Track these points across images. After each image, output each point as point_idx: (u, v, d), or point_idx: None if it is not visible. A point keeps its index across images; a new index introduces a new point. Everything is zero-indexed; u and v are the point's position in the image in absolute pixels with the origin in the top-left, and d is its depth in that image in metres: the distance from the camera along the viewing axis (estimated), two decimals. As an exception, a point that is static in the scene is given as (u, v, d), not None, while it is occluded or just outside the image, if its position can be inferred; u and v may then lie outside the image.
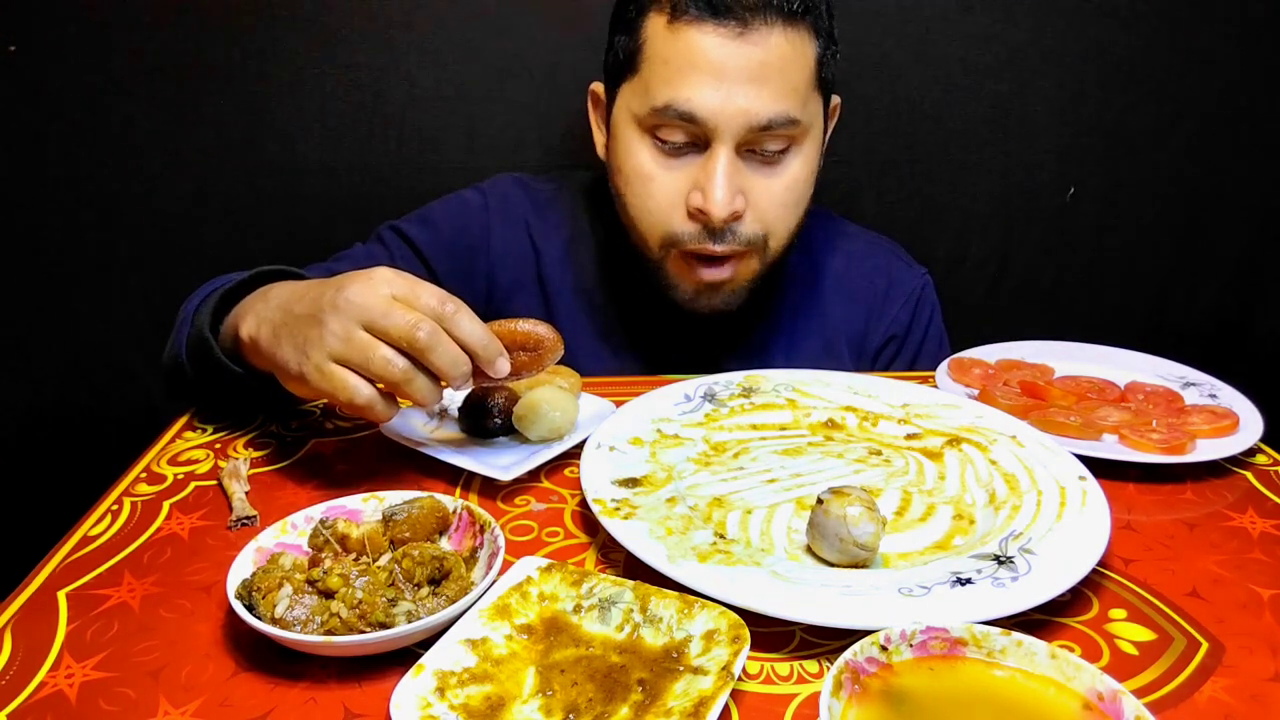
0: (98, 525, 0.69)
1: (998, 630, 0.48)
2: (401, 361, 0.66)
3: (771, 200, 0.93)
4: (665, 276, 0.98)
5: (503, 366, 0.70)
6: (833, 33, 0.95)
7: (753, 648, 0.53)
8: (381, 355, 0.66)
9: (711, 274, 0.95)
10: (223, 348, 0.79)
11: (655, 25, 0.90)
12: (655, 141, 0.92)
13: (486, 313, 0.88)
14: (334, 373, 0.67)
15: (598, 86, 1.01)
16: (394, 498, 0.66)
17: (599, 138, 1.03)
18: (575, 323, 1.06)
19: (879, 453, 0.81)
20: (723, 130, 0.88)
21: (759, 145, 0.91)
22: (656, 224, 0.94)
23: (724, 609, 0.54)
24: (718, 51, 0.86)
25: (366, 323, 0.66)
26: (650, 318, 1.05)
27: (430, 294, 0.68)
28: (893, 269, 1.13)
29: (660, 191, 0.93)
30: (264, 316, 0.74)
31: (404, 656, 0.53)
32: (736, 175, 0.90)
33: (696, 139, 0.91)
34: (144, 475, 0.77)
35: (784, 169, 0.93)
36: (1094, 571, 0.61)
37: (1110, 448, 0.79)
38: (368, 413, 0.69)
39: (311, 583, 0.56)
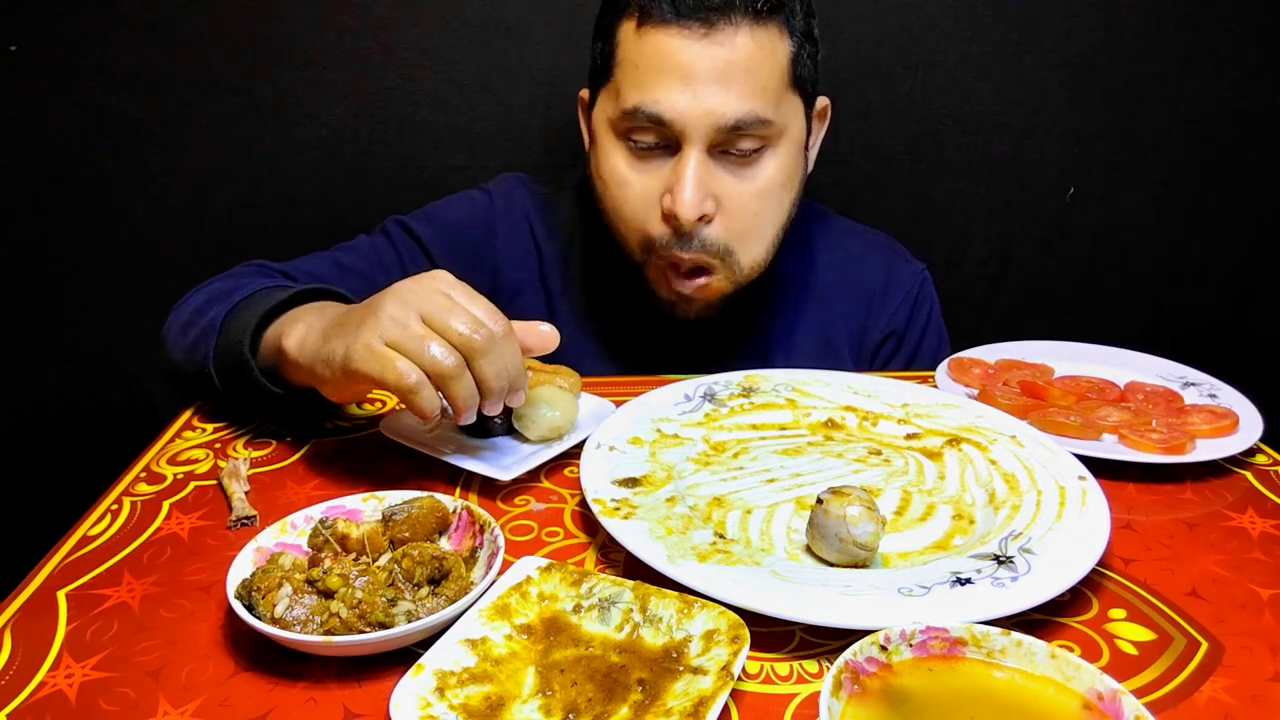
0: (97, 525, 0.69)
1: (997, 630, 0.48)
2: (455, 357, 0.66)
3: (743, 206, 0.92)
4: (648, 281, 0.99)
5: (520, 398, 0.72)
6: (811, 32, 0.93)
7: (752, 648, 0.53)
8: (437, 347, 0.65)
9: (682, 286, 0.96)
10: (260, 357, 0.78)
11: (626, 31, 0.90)
12: (629, 144, 0.92)
13: None
14: (384, 353, 0.66)
15: (585, 93, 1.01)
16: (394, 498, 0.66)
17: (587, 143, 1.03)
18: (576, 324, 1.06)
19: (879, 452, 0.81)
20: (691, 132, 0.87)
21: (731, 146, 0.90)
22: (634, 227, 0.94)
23: (724, 609, 0.54)
24: (684, 53, 0.86)
25: (425, 314, 0.66)
26: (648, 319, 1.05)
27: (486, 308, 0.69)
28: (891, 265, 1.12)
29: (634, 195, 0.93)
30: (315, 326, 0.73)
31: (404, 656, 0.53)
32: (707, 177, 0.89)
33: (668, 141, 0.90)
34: (144, 475, 0.77)
35: (758, 170, 0.92)
36: (1094, 571, 0.61)
37: (1110, 448, 0.79)
38: (413, 396, 0.66)
39: (311, 583, 0.56)
